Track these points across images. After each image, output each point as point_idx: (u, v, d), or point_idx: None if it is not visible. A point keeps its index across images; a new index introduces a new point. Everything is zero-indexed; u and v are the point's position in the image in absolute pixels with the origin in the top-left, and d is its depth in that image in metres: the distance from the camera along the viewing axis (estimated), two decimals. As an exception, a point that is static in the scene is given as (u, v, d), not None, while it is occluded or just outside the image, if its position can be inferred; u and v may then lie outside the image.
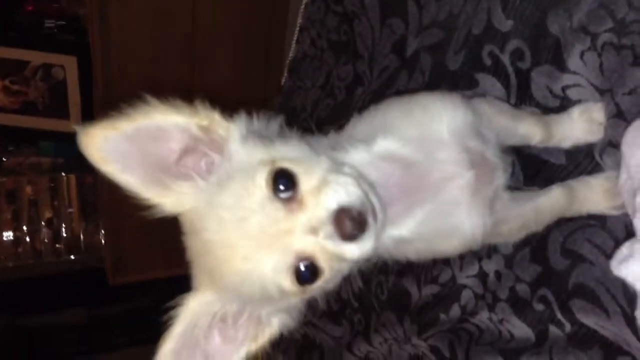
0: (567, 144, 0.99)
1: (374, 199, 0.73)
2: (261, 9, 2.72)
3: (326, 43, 1.63)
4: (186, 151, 0.76)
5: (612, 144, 0.94)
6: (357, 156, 0.82)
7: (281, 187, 0.72)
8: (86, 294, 3.57)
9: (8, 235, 3.08)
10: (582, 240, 0.97)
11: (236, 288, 0.74)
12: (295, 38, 1.75)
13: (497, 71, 1.11)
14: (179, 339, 0.74)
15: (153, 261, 3.06)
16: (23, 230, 3.07)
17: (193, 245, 0.76)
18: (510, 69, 1.09)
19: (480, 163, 0.87)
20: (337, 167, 0.76)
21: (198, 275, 0.77)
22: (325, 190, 0.71)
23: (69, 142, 2.76)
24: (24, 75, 2.83)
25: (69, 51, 2.80)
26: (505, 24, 1.11)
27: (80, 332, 3.63)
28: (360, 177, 0.75)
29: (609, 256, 0.90)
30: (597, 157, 0.97)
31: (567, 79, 1.00)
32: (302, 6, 1.70)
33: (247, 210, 0.71)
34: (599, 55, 0.94)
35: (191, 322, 0.75)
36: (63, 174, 3.06)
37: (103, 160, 0.72)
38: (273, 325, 0.80)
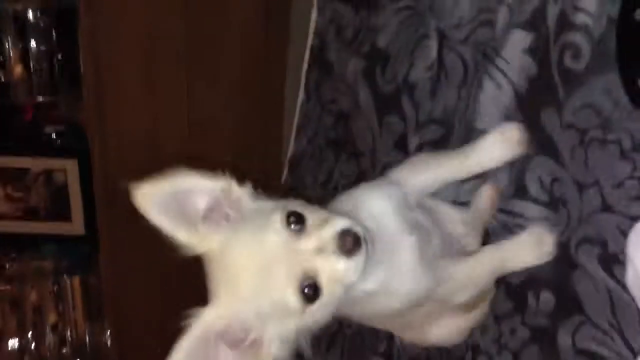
0: (487, 165, 1.14)
1: (366, 231, 0.91)
2: (254, 95, 2.75)
3: (324, 141, 1.65)
4: (210, 209, 0.95)
5: (588, 240, 0.98)
6: None
7: (292, 223, 0.89)
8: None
9: (13, 343, 3.03)
10: (589, 339, 0.98)
11: (248, 300, 0.89)
12: (293, 136, 1.78)
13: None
14: (190, 347, 0.87)
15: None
16: (28, 337, 3.02)
17: (215, 270, 0.93)
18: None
19: (419, 230, 1.06)
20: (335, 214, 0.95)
21: (215, 294, 0.92)
22: (329, 222, 0.89)
23: (72, 244, 2.76)
24: (25, 183, 2.84)
25: (69, 155, 2.82)
26: (516, 117, 1.13)
27: None
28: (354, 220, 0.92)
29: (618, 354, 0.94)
30: (572, 252, 1.03)
31: (557, 172, 1.02)
32: (298, 105, 1.74)
33: (265, 235, 0.89)
34: (585, 150, 0.97)
35: (203, 333, 0.88)
36: (66, 277, 3.03)
37: (149, 209, 0.93)
38: (272, 349, 0.92)
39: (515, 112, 1.13)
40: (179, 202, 0.94)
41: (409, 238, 1.04)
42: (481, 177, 1.20)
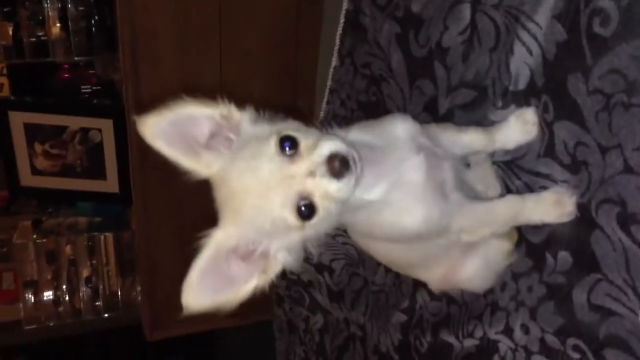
0: (510, 146, 1.21)
1: (355, 153, 0.95)
2: (284, 66, 2.78)
3: (356, 104, 1.69)
4: (212, 134, 1.00)
5: (608, 201, 1.01)
6: None
7: (286, 147, 0.94)
8: (124, 352, 3.60)
9: (48, 295, 3.14)
10: (603, 295, 1.02)
11: (251, 221, 0.96)
12: (325, 99, 1.81)
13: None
14: (205, 264, 0.95)
15: (189, 316, 3.09)
16: (63, 289, 3.14)
17: (220, 194, 0.99)
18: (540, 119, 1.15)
19: (429, 154, 1.11)
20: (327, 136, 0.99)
21: (222, 216, 0.98)
22: (320, 145, 0.94)
23: (106, 202, 2.85)
24: (62, 140, 2.92)
25: (105, 114, 2.89)
26: (540, 81, 1.16)
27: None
28: (344, 140, 0.97)
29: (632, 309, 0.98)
30: (593, 213, 1.05)
31: (582, 137, 1.06)
32: (331, 69, 1.77)
33: (260, 163, 0.94)
34: (610, 114, 0.99)
35: (216, 250, 0.95)
36: (100, 233, 3.13)
37: (153, 138, 0.97)
38: (279, 260, 1.00)
39: (543, 76, 1.16)
40: (182, 130, 0.99)
41: (416, 157, 1.10)
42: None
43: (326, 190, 0.94)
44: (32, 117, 2.87)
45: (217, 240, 0.96)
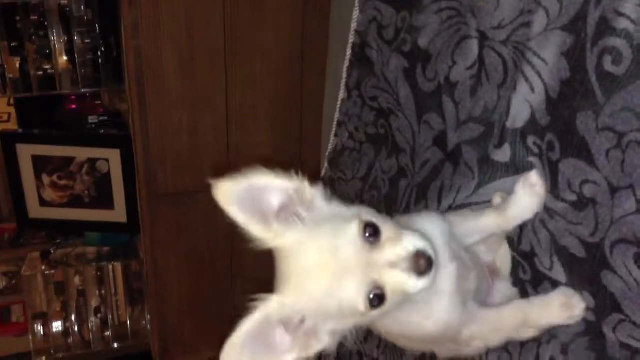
0: (527, 216, 1.21)
1: (434, 251, 0.97)
2: (289, 90, 2.80)
3: (364, 136, 1.69)
4: (282, 206, 1.01)
5: (626, 241, 1.00)
6: None
7: (368, 234, 0.95)
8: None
9: (58, 326, 3.14)
10: (627, 336, 1.02)
11: (316, 299, 0.96)
12: (333, 131, 1.82)
13: (541, 158, 1.16)
14: (253, 328, 0.94)
15: (200, 343, 3.10)
16: (72, 320, 3.14)
17: (286, 265, 0.99)
18: (545, 158, 1.14)
19: (460, 264, 1.13)
20: (403, 228, 1.00)
21: (282, 285, 0.98)
22: (403, 238, 0.96)
23: (114, 231, 2.86)
24: (70, 171, 2.94)
25: (112, 144, 2.90)
26: (545, 120, 1.16)
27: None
28: (423, 235, 0.99)
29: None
30: (607, 253, 1.05)
31: (589, 175, 1.05)
32: (339, 102, 1.77)
33: (341, 244, 0.95)
34: (623, 152, 0.99)
35: (267, 317, 0.95)
36: (109, 262, 3.13)
37: (227, 204, 0.96)
38: (323, 341, 0.99)
39: (546, 115, 1.16)
40: (254, 198, 0.99)
41: (450, 265, 1.11)
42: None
43: (402, 284, 0.95)
44: (40, 150, 2.89)
45: (271, 308, 0.96)
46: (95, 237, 3.14)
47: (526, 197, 1.20)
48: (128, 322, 3.21)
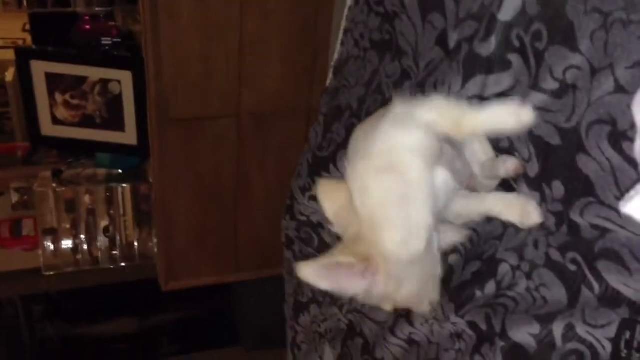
0: (493, 130, 1.20)
1: None
2: (304, 19, 2.81)
3: (369, 43, 1.70)
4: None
5: (601, 121, 1.03)
6: None
7: None
8: (139, 303, 3.69)
9: (67, 243, 3.23)
10: (593, 216, 1.05)
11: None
12: (339, 40, 1.83)
13: (524, 52, 1.17)
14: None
15: (204, 267, 3.17)
16: (81, 238, 3.22)
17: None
18: (530, 50, 1.15)
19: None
20: None
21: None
22: None
23: (124, 153, 2.90)
24: (82, 90, 2.98)
25: (124, 66, 2.93)
26: (534, 9, 1.16)
27: (131, 342, 3.76)
28: None
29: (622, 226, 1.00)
30: (583, 136, 1.06)
31: (572, 59, 1.06)
32: (346, 9, 1.78)
33: None
34: (607, 32, 1.00)
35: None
36: (119, 184, 3.21)
37: (315, 281, 1.08)
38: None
39: (536, 4, 1.15)
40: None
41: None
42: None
43: None
44: (54, 67, 2.93)
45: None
46: (105, 159, 3.20)
47: (503, 115, 1.16)
48: (135, 243, 3.28)
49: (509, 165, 1.22)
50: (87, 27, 2.98)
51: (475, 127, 1.18)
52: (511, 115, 1.14)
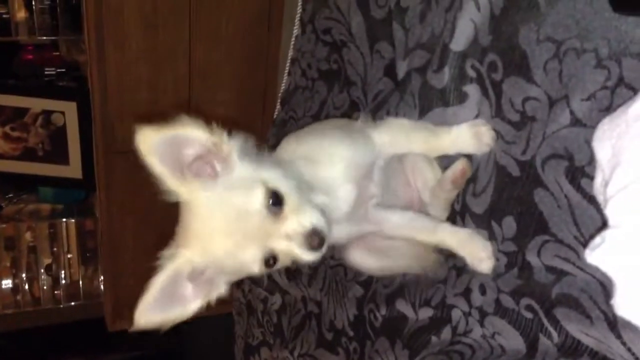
0: (455, 152, 1.21)
1: (329, 228, 1.04)
2: (255, 47, 2.76)
3: (317, 73, 1.64)
4: (198, 157, 1.02)
5: (557, 156, 0.98)
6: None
7: (272, 203, 1.01)
8: (85, 342, 3.53)
9: (7, 283, 3.06)
10: (552, 256, 0.98)
11: (217, 258, 1.03)
12: (287, 70, 1.77)
13: (481, 82, 1.12)
14: (163, 285, 1.01)
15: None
16: (22, 277, 3.05)
17: (192, 221, 1.03)
18: (487, 81, 1.10)
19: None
20: (307, 196, 1.07)
21: (186, 240, 1.03)
22: (303, 213, 1.02)
23: (69, 187, 2.77)
24: (24, 122, 2.85)
25: (69, 97, 2.82)
26: (486, 39, 1.12)
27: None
28: (323, 210, 1.06)
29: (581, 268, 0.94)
30: (539, 170, 1.02)
31: (529, 91, 1.02)
32: (293, 38, 1.73)
33: (246, 213, 1.00)
34: (560, 62, 0.96)
35: (175, 273, 1.02)
36: (62, 219, 3.06)
37: (148, 154, 0.97)
38: (221, 288, 1.09)
39: (487, 34, 1.12)
40: (173, 150, 1.00)
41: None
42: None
43: (295, 254, 1.03)
44: (-6, 98, 2.79)
45: (178, 264, 1.02)
46: (49, 193, 3.06)
47: (465, 138, 1.16)
48: (80, 281, 3.13)
49: (456, 168, 1.21)
50: (30, 56, 2.86)
51: (439, 150, 1.22)
52: (473, 138, 1.15)
